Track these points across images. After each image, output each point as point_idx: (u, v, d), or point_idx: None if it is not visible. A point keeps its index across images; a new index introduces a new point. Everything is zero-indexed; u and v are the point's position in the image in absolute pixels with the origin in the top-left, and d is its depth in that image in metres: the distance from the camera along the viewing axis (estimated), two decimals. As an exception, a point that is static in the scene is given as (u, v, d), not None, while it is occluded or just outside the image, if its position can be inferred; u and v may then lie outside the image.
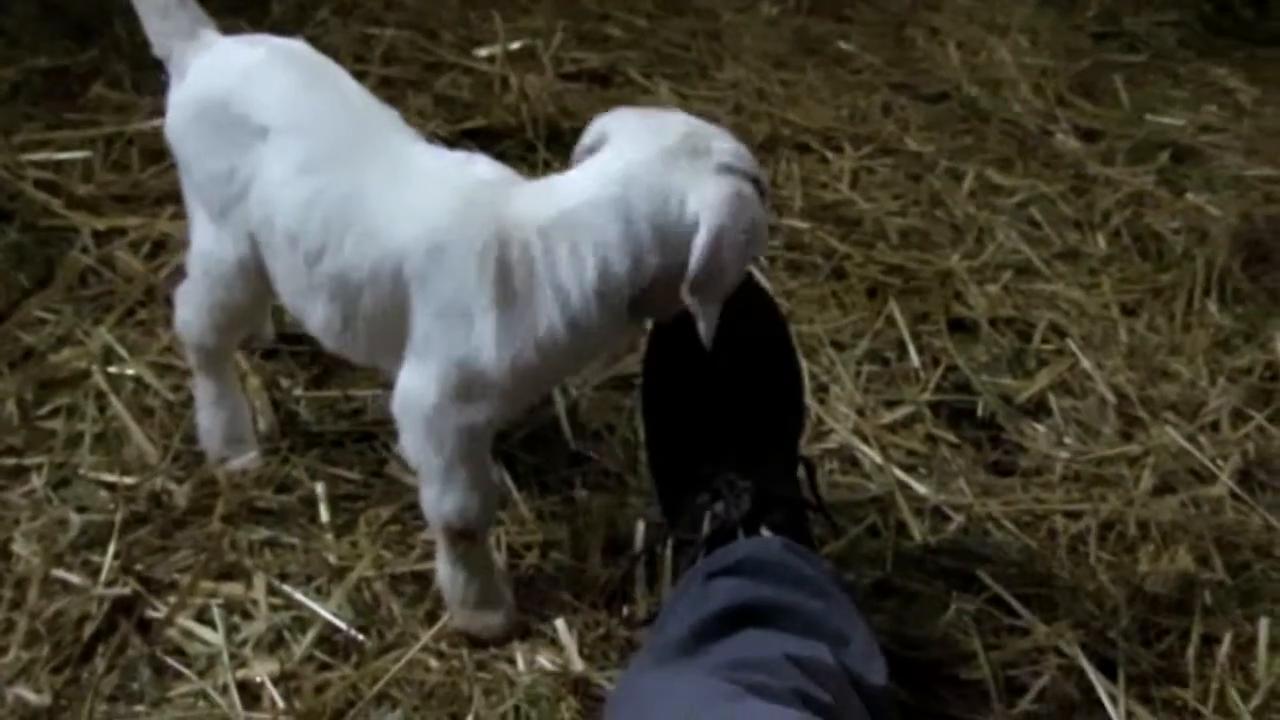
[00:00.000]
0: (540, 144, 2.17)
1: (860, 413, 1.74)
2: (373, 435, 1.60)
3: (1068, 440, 1.77)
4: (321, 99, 1.36)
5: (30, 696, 1.28)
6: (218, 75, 1.37)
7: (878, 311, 1.94)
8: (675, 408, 1.40)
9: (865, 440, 1.69)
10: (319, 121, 1.33)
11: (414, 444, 1.30)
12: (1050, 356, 1.92)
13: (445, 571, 1.37)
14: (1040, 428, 1.79)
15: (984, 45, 2.78)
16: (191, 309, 1.46)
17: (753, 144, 2.28)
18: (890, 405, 1.78)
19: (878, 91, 2.55)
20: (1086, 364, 1.90)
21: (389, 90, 2.26)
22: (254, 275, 1.39)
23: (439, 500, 1.32)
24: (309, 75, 1.38)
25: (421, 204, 1.26)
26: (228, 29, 1.46)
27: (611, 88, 2.43)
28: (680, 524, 1.34)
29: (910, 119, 2.47)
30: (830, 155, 2.31)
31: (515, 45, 2.42)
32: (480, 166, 1.31)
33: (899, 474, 1.65)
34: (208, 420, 1.53)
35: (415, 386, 1.27)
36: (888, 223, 2.14)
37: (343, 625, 1.36)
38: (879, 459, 1.66)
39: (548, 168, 2.14)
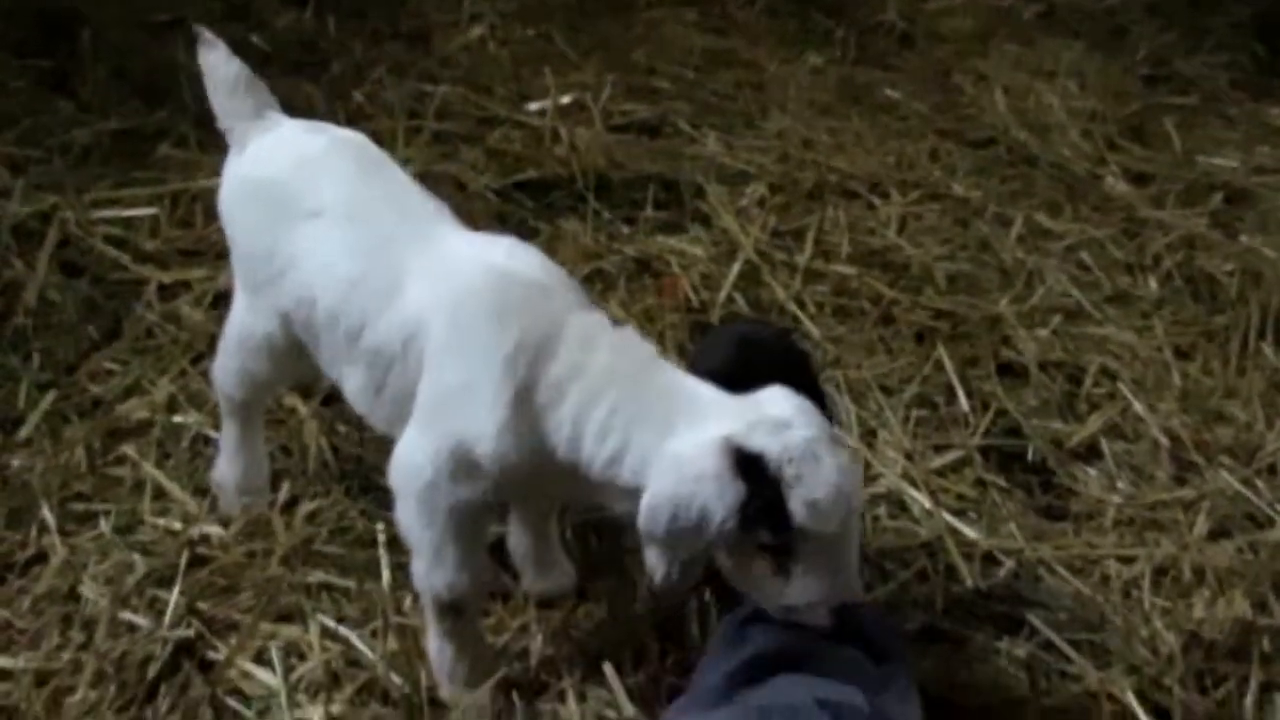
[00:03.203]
0: (590, 194, 2.22)
1: (909, 457, 1.74)
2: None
3: (1120, 484, 1.76)
4: (373, 189, 1.40)
5: (96, 736, 1.31)
6: (276, 158, 1.43)
7: (926, 356, 1.94)
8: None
9: (914, 484, 1.69)
10: (369, 210, 1.38)
11: (407, 516, 1.31)
12: (1101, 400, 1.91)
13: (434, 644, 1.37)
14: (1092, 472, 1.78)
15: (1031, 90, 2.79)
16: (225, 363, 1.51)
17: (799, 192, 2.32)
18: (939, 450, 1.78)
19: (924, 138, 2.57)
20: (1139, 408, 1.88)
21: (442, 145, 2.33)
22: (280, 351, 1.44)
23: (429, 573, 1.32)
24: (364, 166, 1.43)
25: (453, 288, 1.28)
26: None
27: (660, 138, 2.48)
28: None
29: (957, 165, 2.49)
30: (877, 201, 2.33)
31: (565, 99, 2.48)
32: (523, 261, 1.30)
33: (948, 518, 1.64)
34: (225, 465, 1.57)
35: (413, 458, 1.28)
36: (935, 268, 2.15)
37: (394, 674, 1.38)
38: (928, 503, 1.66)
39: (597, 217, 2.18)
